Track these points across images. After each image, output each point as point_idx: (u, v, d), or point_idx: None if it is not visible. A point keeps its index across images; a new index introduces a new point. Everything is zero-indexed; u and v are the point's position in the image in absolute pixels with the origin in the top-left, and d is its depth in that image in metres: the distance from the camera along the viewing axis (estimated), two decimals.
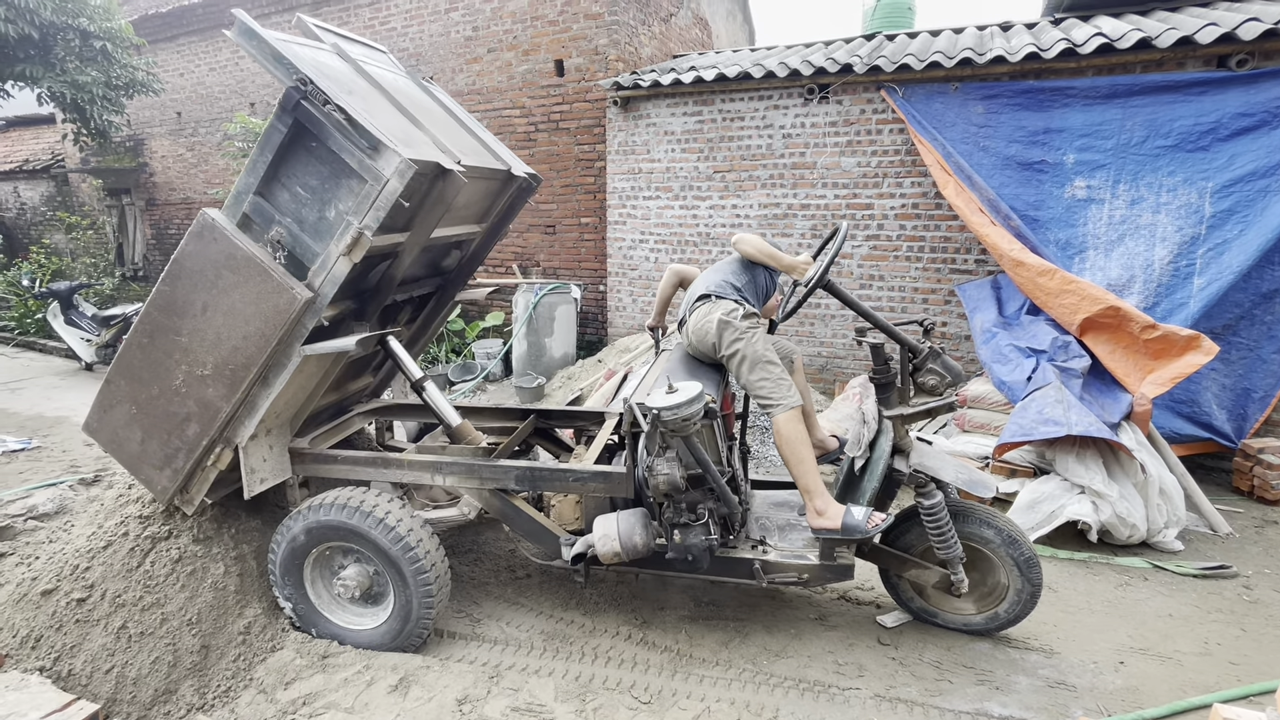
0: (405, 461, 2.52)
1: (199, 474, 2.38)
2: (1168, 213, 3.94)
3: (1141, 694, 2.29)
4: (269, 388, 2.24)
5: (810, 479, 2.31)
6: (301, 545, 2.41)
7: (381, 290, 2.52)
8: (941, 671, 2.38)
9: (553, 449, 3.20)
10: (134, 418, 2.33)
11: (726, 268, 2.65)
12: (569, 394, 5.45)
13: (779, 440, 2.39)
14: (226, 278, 2.11)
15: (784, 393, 2.38)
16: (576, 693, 2.25)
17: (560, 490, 2.47)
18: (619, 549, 2.25)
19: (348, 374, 2.94)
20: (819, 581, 2.35)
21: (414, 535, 2.34)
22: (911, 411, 2.30)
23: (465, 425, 2.74)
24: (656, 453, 2.14)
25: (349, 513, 2.34)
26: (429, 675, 2.33)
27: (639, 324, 6.11)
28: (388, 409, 3.24)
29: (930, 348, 2.28)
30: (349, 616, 2.52)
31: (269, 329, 2.11)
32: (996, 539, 2.37)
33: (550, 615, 2.75)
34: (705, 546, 2.23)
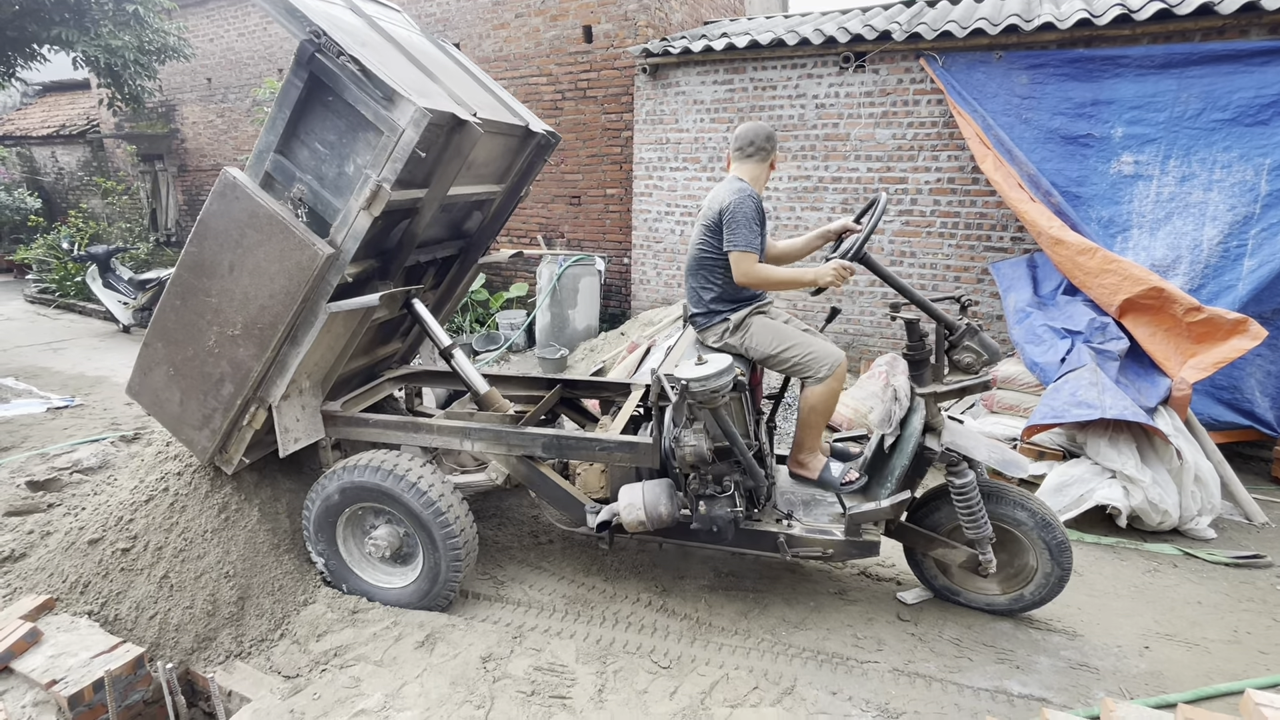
0: (435, 427, 2.56)
1: (236, 433, 2.44)
2: (1220, 190, 3.76)
3: (1166, 679, 2.27)
4: (298, 346, 2.27)
5: (813, 440, 2.45)
6: (334, 505, 2.47)
7: (403, 249, 2.53)
8: (961, 649, 2.38)
9: (578, 418, 3.22)
10: (172, 379, 2.40)
11: (694, 283, 2.53)
12: (591, 366, 5.47)
13: (804, 405, 2.42)
14: (250, 236, 2.13)
15: (814, 368, 2.37)
16: (597, 655, 2.30)
17: (586, 459, 2.49)
18: (644, 518, 2.27)
19: (376, 338, 2.98)
20: (843, 557, 2.35)
21: (444, 499, 2.39)
22: (945, 389, 2.25)
23: (493, 393, 2.77)
24: (684, 424, 2.14)
25: (381, 475, 2.38)
26: (454, 633, 2.39)
27: (663, 297, 6.07)
28: (416, 375, 3.29)
29: (968, 324, 2.24)
30: (379, 575, 2.59)
31: (293, 286, 2.14)
32: (1029, 521, 2.34)
33: (572, 580, 2.80)
34: (730, 519, 2.24)
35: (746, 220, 2.29)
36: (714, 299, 2.50)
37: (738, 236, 2.31)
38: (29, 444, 4.07)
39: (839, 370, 2.39)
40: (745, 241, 2.30)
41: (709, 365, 2.06)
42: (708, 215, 2.42)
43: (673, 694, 2.12)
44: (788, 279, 2.33)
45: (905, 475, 2.29)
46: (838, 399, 2.44)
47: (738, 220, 2.30)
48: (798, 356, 2.39)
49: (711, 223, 2.40)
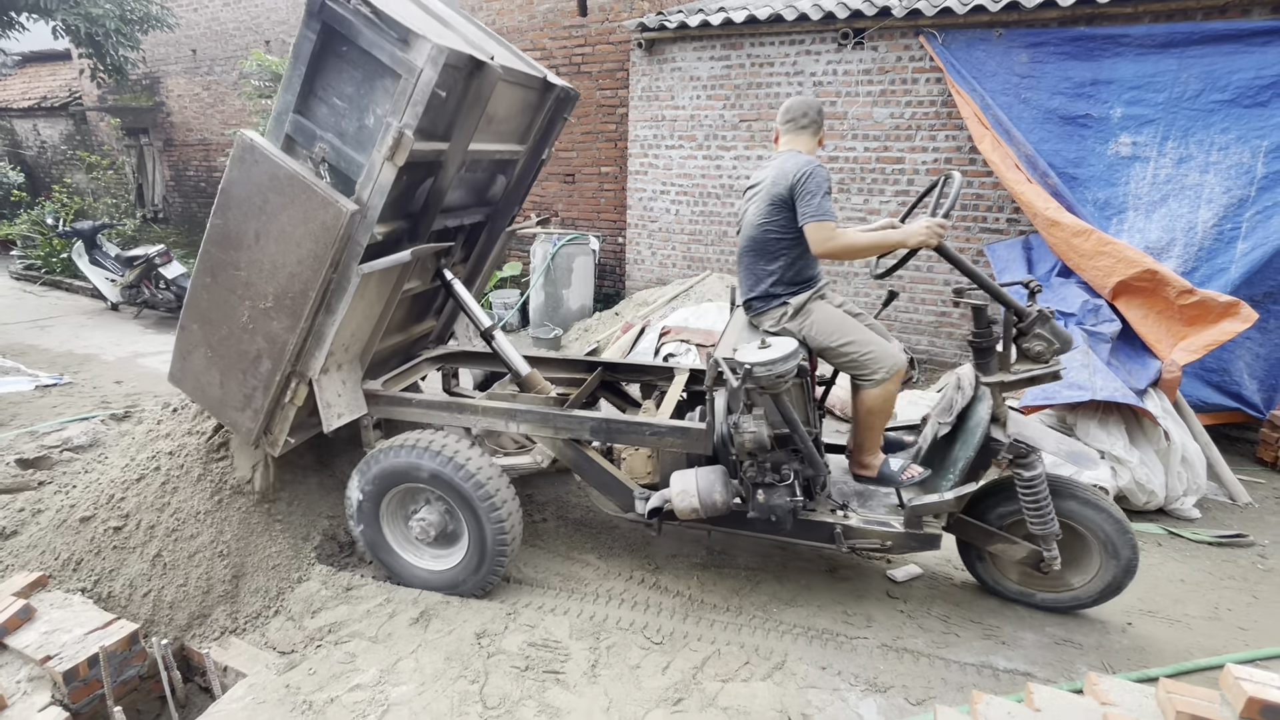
0: (480, 407, 2.51)
1: (279, 412, 2.38)
2: (1216, 173, 3.76)
3: (1148, 654, 2.32)
4: (332, 314, 2.22)
5: (873, 441, 2.37)
6: (379, 486, 2.43)
7: (430, 209, 2.48)
8: (949, 625, 2.42)
9: (618, 403, 3.18)
10: (211, 361, 2.35)
11: (754, 262, 2.42)
12: (585, 346, 5.45)
13: (862, 406, 2.34)
14: (273, 200, 2.08)
15: (872, 367, 2.29)
16: (590, 631, 2.32)
17: (636, 444, 2.45)
18: (697, 505, 2.22)
19: (411, 314, 2.95)
20: (902, 550, 2.27)
21: (492, 482, 2.35)
22: (1013, 379, 2.15)
23: (535, 375, 2.75)
24: (742, 410, 2.07)
25: (429, 455, 2.34)
26: (448, 610, 2.41)
27: (657, 278, 6.05)
28: (453, 356, 3.25)
29: (1039, 311, 2.12)
30: (422, 557, 2.55)
31: (320, 249, 2.08)
32: (1097, 517, 2.25)
33: (566, 557, 2.82)
34: (790, 508, 2.17)
35: (820, 189, 2.18)
36: (774, 281, 2.38)
37: (813, 205, 2.17)
38: (18, 422, 4.04)
39: (897, 374, 2.29)
40: (823, 210, 2.17)
41: (774, 349, 2.00)
42: (774, 190, 2.27)
43: (665, 669, 2.15)
44: (873, 242, 2.16)
45: (970, 467, 2.22)
46: (895, 401, 2.36)
47: (811, 189, 2.18)
48: (857, 354, 2.30)
49: (779, 198, 2.26)
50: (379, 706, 1.97)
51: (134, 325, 6.76)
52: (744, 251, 2.46)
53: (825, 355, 2.39)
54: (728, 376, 2.03)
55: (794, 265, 2.37)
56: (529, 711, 1.97)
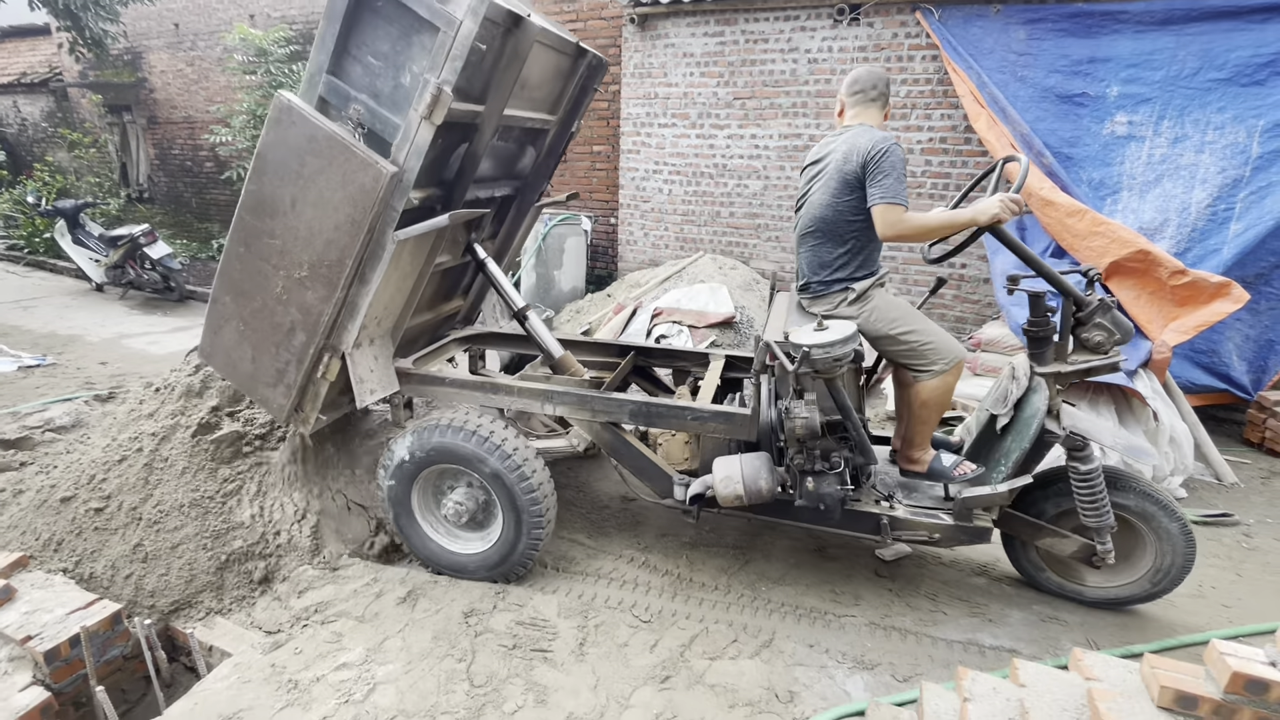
0: (515, 388, 2.46)
1: (311, 388, 2.32)
2: (1212, 152, 3.73)
3: (1132, 630, 2.34)
4: (366, 284, 2.16)
5: (924, 436, 2.32)
6: (411, 466, 2.38)
7: (464, 176, 2.43)
8: (936, 604, 2.44)
9: (650, 388, 3.13)
10: (243, 335, 2.29)
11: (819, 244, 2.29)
12: (577, 328, 5.41)
13: (918, 398, 2.27)
14: (310, 164, 2.02)
15: (932, 358, 2.23)
16: (579, 610, 2.32)
17: (677, 429, 2.40)
18: (741, 492, 2.17)
19: (440, 292, 2.90)
20: (950, 543, 2.23)
21: (529, 464, 2.30)
22: (1070, 370, 2.11)
23: (568, 357, 2.71)
24: (792, 395, 2.01)
25: (465, 435, 2.28)
26: (436, 589, 2.40)
27: (650, 259, 5.99)
28: (482, 337, 3.20)
29: (1100, 300, 2.07)
30: (453, 539, 2.50)
31: (358, 214, 2.02)
32: (1155, 510, 2.21)
33: (556, 536, 2.81)
34: (839, 497, 2.12)
35: (896, 169, 2.05)
36: (841, 265, 2.27)
37: (885, 187, 2.05)
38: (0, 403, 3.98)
39: (958, 366, 2.23)
40: (894, 193, 2.04)
41: (832, 331, 1.94)
42: (845, 168, 2.14)
43: (653, 647, 2.15)
44: (944, 223, 2.04)
45: (1023, 459, 2.18)
46: (952, 394, 2.31)
47: (885, 169, 2.05)
48: (917, 343, 2.22)
49: (852, 176, 2.12)
50: (365, 685, 1.96)
51: (119, 306, 6.66)
52: (807, 233, 2.32)
53: (881, 344, 2.31)
54: (781, 360, 1.96)
55: (863, 250, 2.26)
56: (516, 689, 1.96)
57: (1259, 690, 1.26)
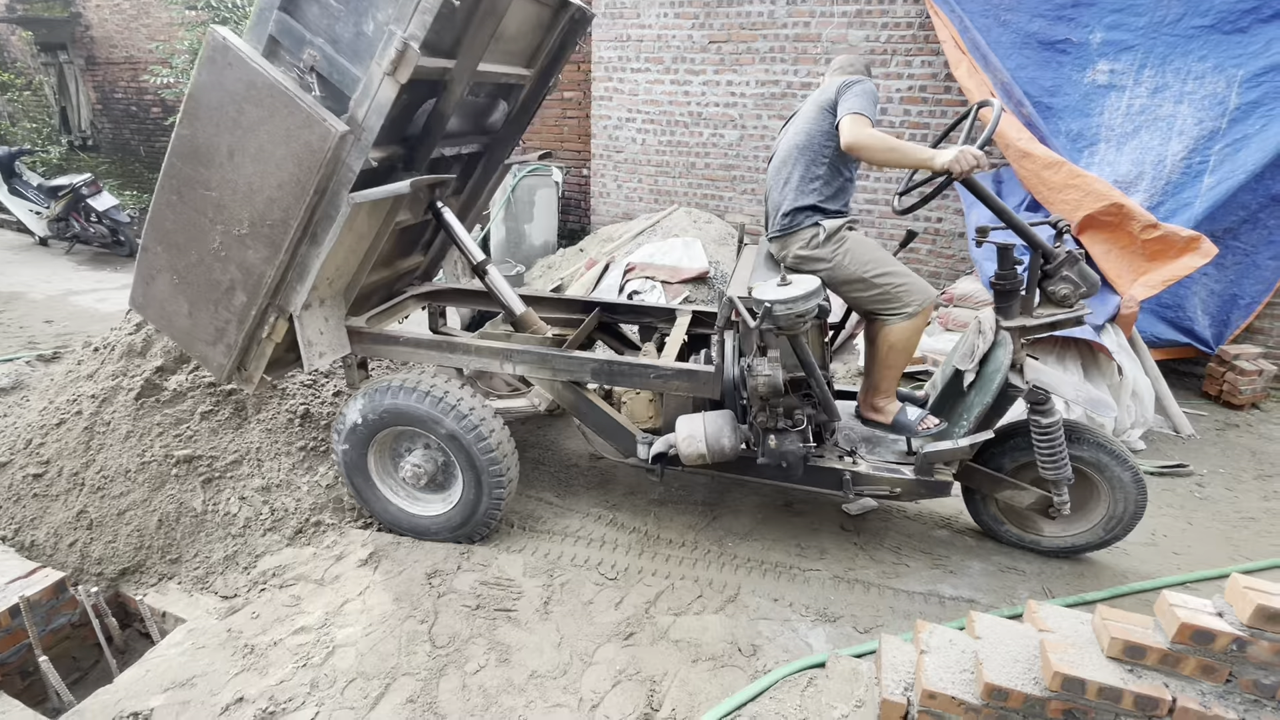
0: (473, 347, 2.38)
1: (255, 348, 2.19)
2: (1190, 103, 3.67)
3: (1086, 579, 2.40)
4: (318, 246, 2.01)
5: (888, 382, 2.29)
6: (365, 430, 2.30)
7: (430, 135, 2.26)
8: (900, 556, 2.47)
9: (616, 345, 3.06)
10: (177, 288, 2.13)
11: (790, 173, 2.29)
12: (549, 284, 5.28)
13: (884, 343, 2.24)
14: (250, 113, 1.83)
15: (903, 300, 2.20)
16: (544, 569, 2.30)
17: (640, 387, 2.36)
18: (704, 451, 2.16)
19: (398, 249, 2.76)
20: (911, 496, 2.25)
21: (486, 423, 2.24)
22: (1035, 323, 2.09)
23: (530, 314, 2.61)
24: (756, 352, 1.99)
25: (419, 396, 2.21)
26: (399, 550, 2.36)
27: (623, 212, 5.84)
28: (441, 294, 3.07)
29: (1068, 253, 2.04)
30: (412, 502, 2.45)
31: (304, 174, 1.85)
32: (1110, 461, 2.23)
33: (522, 495, 2.78)
34: (801, 454, 2.12)
35: (869, 94, 2.10)
36: (812, 190, 2.24)
37: (855, 104, 2.08)
38: None
39: (927, 309, 2.21)
40: (863, 107, 2.07)
41: (795, 286, 1.89)
42: (821, 99, 2.21)
43: (618, 604, 2.15)
44: (903, 150, 2.00)
45: (985, 414, 2.18)
46: (919, 339, 2.28)
47: (858, 92, 2.10)
48: (890, 285, 2.19)
49: (827, 103, 2.17)
50: (324, 649, 1.93)
51: (66, 261, 6.33)
52: (781, 164, 2.31)
53: (852, 289, 2.27)
54: (744, 316, 1.92)
55: (835, 180, 2.25)
56: (479, 649, 1.95)
57: (1205, 640, 1.28)
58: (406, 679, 1.85)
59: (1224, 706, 1.28)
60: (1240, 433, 3.64)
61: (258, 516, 2.42)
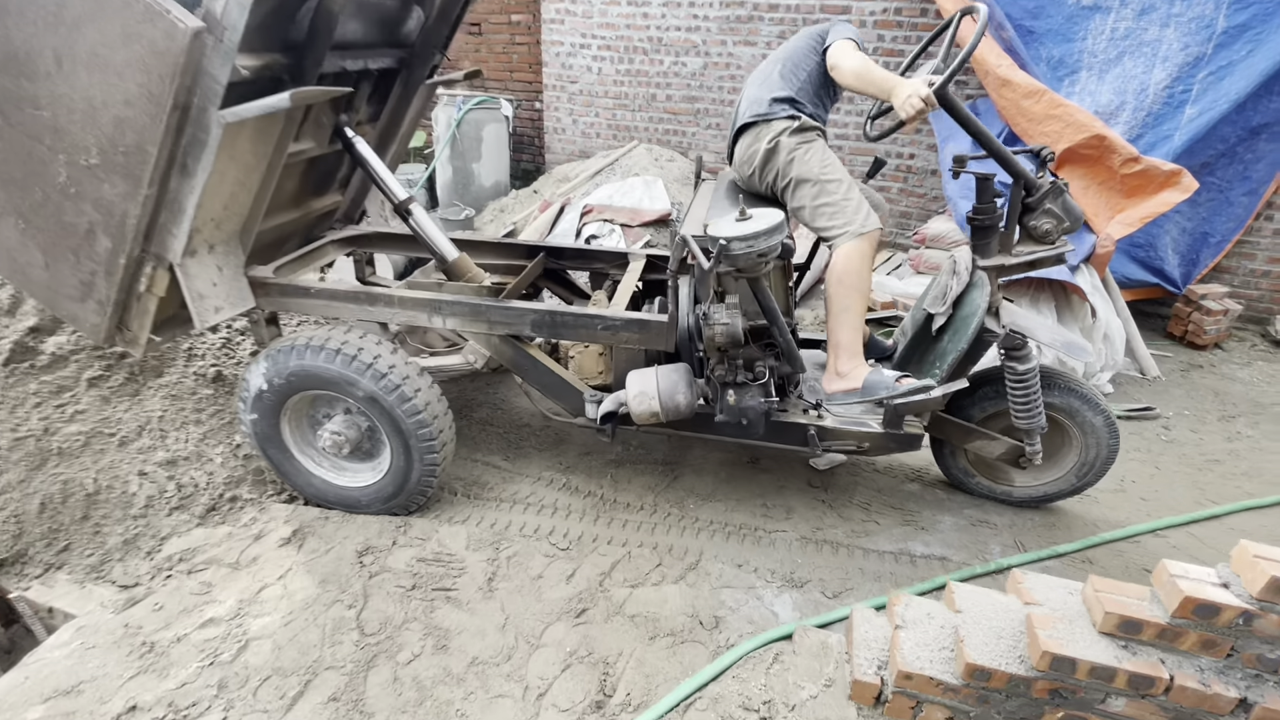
0: (397, 299, 2.10)
1: (134, 304, 1.86)
2: (1177, 26, 3.45)
3: (1058, 530, 2.33)
4: (191, 178, 1.67)
5: (849, 332, 2.05)
6: (273, 396, 2.02)
7: (317, 39, 1.88)
8: (869, 513, 2.35)
9: (564, 293, 2.79)
10: (26, 234, 1.76)
11: (770, 73, 2.19)
12: (501, 228, 4.92)
13: (830, 275, 2.03)
14: (73, 6, 1.45)
15: (848, 216, 1.99)
16: (490, 541, 2.11)
17: (586, 340, 2.14)
18: (657, 409, 1.96)
19: (307, 185, 2.39)
20: (880, 451, 2.10)
21: (410, 383, 1.98)
22: (1015, 262, 1.93)
23: (464, 260, 2.32)
24: (713, 299, 1.80)
25: (329, 356, 1.93)
26: (327, 526, 2.13)
27: (580, 149, 5.44)
28: (366, 239, 2.71)
29: (1052, 183, 1.87)
30: (337, 472, 2.21)
31: (155, 85, 1.49)
32: (1083, 407, 2.13)
33: (468, 459, 2.55)
34: (763, 410, 1.94)
35: (854, 32, 2.10)
36: (793, 87, 2.14)
37: (847, 30, 2.09)
38: None
39: (874, 233, 2.00)
40: (854, 35, 2.08)
41: (755, 221, 1.66)
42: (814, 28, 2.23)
43: (570, 577, 1.98)
44: (874, 78, 1.92)
45: (959, 361, 2.00)
46: (869, 274, 2.05)
47: (844, 28, 2.11)
48: (839, 196, 2.01)
49: (820, 30, 2.20)
50: (235, 643, 1.71)
51: None
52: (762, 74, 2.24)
53: (802, 191, 2.07)
54: (698, 257, 1.69)
55: (816, 90, 2.18)
56: (414, 635, 1.76)
57: (1209, 614, 1.16)
58: (330, 673, 1.65)
59: (1224, 683, 1.17)
60: (1204, 373, 3.62)
61: (162, 494, 2.14)
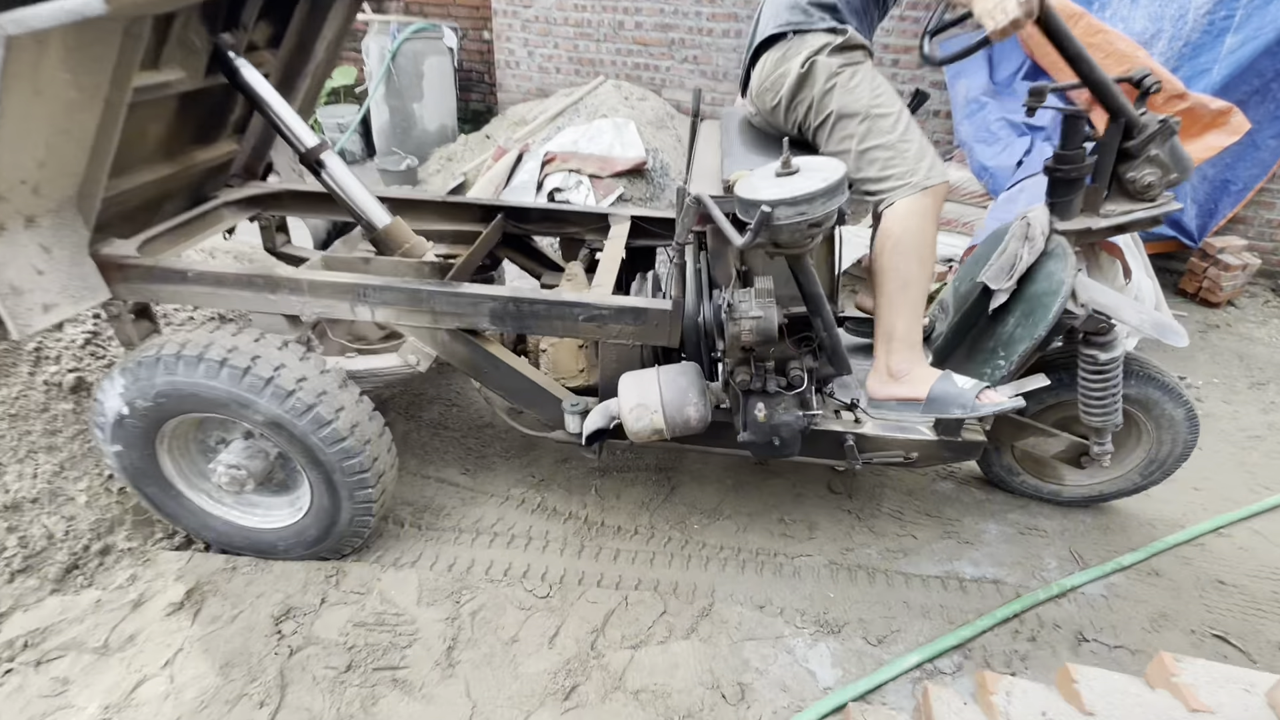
0: (306, 283, 1.56)
1: None
2: None
3: (1113, 533, 2.02)
4: None
5: (907, 317, 1.58)
6: (139, 423, 1.50)
7: None
8: (903, 524, 1.99)
9: (529, 265, 2.26)
10: None
11: None
12: (449, 180, 4.29)
13: (883, 241, 1.55)
14: None
15: (908, 163, 1.51)
16: (448, 590, 1.66)
17: (563, 333, 1.64)
18: (661, 425, 1.51)
19: (185, 130, 1.79)
20: (932, 462, 1.71)
21: (329, 399, 1.47)
22: (1106, 224, 1.53)
23: (399, 227, 1.78)
24: (735, 281, 1.41)
25: (210, 370, 1.41)
26: (235, 581, 1.65)
27: (538, 86, 4.76)
28: (275, 198, 2.12)
29: (1162, 123, 1.47)
30: (250, 510, 1.71)
31: None
32: (1163, 398, 1.79)
33: (418, 476, 2.08)
34: (801, 426, 1.50)
35: None
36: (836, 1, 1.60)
37: None
38: None
39: (940, 187, 1.53)
40: None
41: (807, 175, 1.19)
42: None
43: (553, 638, 1.56)
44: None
45: (1034, 351, 1.59)
46: (935, 240, 1.57)
47: None
48: (895, 136, 1.51)
49: None
50: None
51: None
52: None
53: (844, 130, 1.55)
54: (722, 227, 1.24)
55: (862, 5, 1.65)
56: None
57: None
58: None
59: None
60: (1223, 334, 3.37)
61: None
